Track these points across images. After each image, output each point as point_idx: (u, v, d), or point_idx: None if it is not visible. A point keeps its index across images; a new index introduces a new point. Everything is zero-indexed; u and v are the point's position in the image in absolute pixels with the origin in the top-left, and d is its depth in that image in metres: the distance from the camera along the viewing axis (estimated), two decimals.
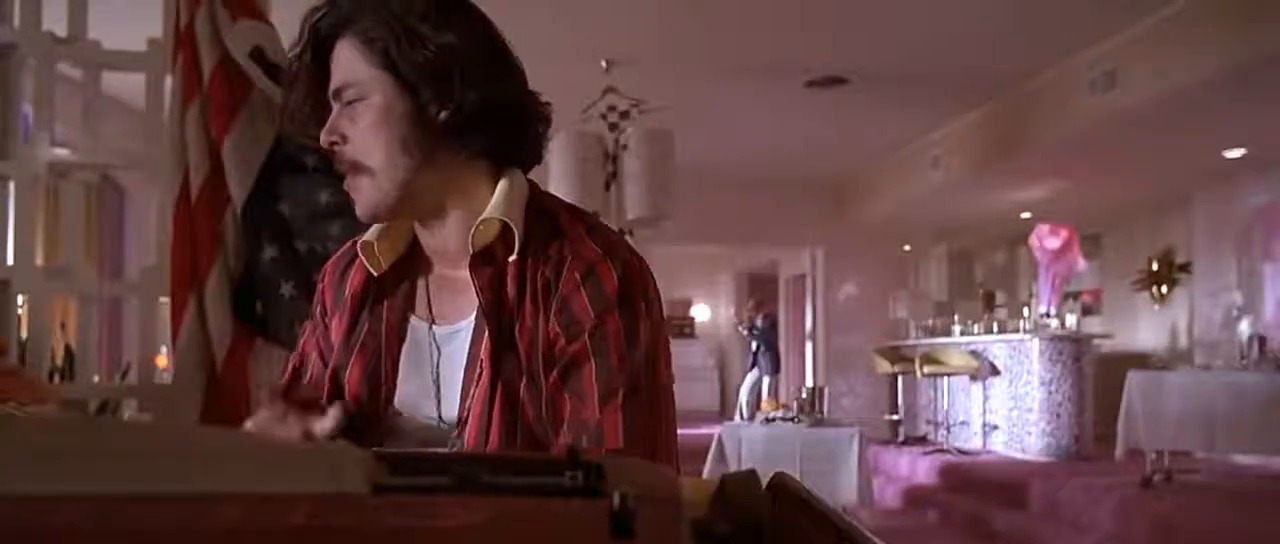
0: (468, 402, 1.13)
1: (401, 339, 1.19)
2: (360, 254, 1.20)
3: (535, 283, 1.12)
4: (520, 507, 0.47)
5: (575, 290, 1.10)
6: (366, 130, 1.11)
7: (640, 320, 1.11)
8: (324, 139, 1.14)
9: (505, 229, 1.13)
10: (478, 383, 1.12)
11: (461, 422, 1.13)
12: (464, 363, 1.15)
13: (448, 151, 1.13)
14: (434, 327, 1.18)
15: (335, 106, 1.14)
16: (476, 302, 1.13)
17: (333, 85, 1.13)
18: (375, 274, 1.20)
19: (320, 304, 1.29)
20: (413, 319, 1.20)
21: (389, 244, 1.21)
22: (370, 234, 1.20)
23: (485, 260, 1.13)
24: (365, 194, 1.14)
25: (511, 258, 1.13)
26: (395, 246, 1.22)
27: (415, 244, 1.22)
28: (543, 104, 1.18)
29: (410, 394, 1.18)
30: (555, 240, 1.13)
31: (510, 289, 1.12)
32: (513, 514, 0.46)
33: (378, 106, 1.11)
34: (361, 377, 1.18)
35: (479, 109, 1.11)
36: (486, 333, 1.12)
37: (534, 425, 1.10)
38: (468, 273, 1.14)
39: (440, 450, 1.11)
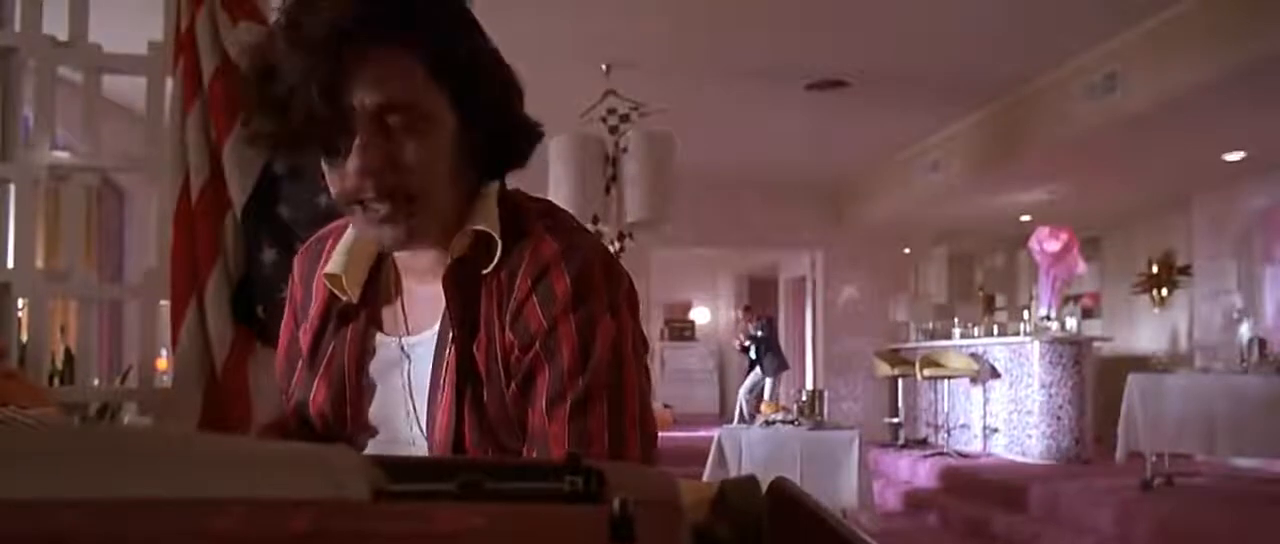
0: (435, 413, 1.09)
1: (369, 357, 1.14)
2: (329, 285, 1.14)
3: (490, 287, 1.07)
4: (520, 512, 0.47)
5: (527, 297, 1.04)
6: (428, 163, 1.00)
7: (598, 322, 1.04)
8: (366, 167, 0.96)
9: (479, 238, 1.08)
10: (443, 394, 1.08)
11: (431, 433, 1.10)
12: (430, 374, 1.10)
13: (473, 175, 1.08)
14: (402, 339, 1.14)
15: (366, 122, 0.97)
16: (441, 312, 1.09)
17: (376, 99, 0.96)
18: (344, 300, 1.14)
19: (293, 300, 1.24)
20: (379, 335, 1.15)
21: (357, 269, 1.14)
22: (335, 265, 1.12)
23: (459, 270, 1.08)
24: (405, 228, 1.02)
25: (487, 271, 1.07)
26: (363, 270, 1.15)
27: (378, 258, 1.16)
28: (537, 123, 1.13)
29: (381, 409, 1.14)
30: (520, 242, 1.07)
31: (475, 297, 1.08)
32: (512, 520, 0.46)
33: (441, 134, 1.01)
34: (327, 397, 1.15)
35: (516, 133, 1.08)
36: (452, 343, 1.08)
37: (500, 432, 1.07)
38: (436, 284, 1.09)
39: (439, 456, 1.10)
